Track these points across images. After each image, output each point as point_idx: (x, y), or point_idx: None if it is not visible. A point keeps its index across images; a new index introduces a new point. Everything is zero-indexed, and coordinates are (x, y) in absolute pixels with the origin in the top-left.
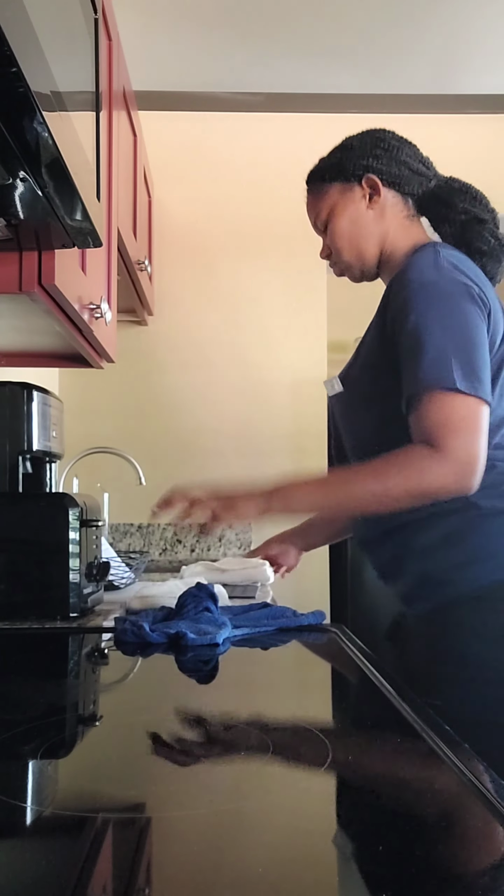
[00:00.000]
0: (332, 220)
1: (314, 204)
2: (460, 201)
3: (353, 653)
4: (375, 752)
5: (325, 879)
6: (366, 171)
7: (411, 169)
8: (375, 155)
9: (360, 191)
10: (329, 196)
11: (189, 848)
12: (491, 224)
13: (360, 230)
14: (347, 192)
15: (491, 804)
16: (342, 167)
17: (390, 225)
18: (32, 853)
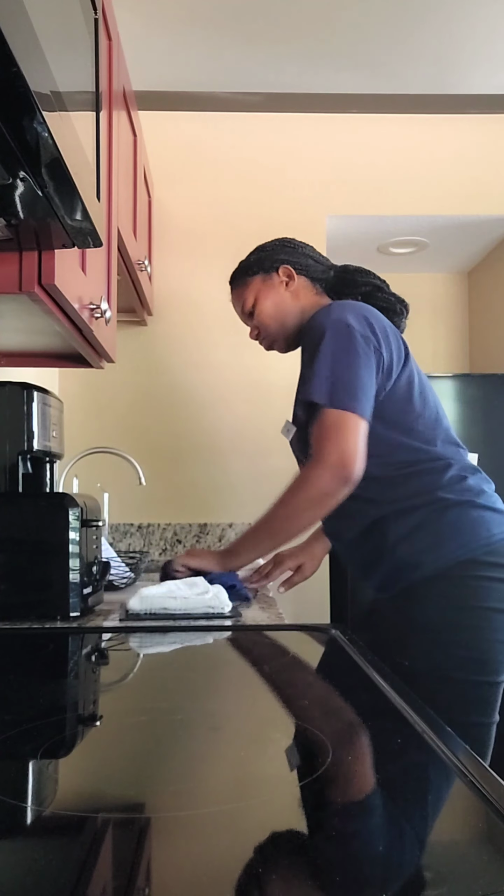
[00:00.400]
0: (259, 303)
1: (239, 295)
2: (360, 277)
3: (353, 653)
4: (375, 752)
5: (325, 879)
6: (281, 263)
7: (314, 259)
8: (286, 251)
9: (278, 278)
10: (252, 286)
11: (189, 848)
12: (386, 288)
13: (281, 308)
14: (268, 281)
15: (491, 804)
16: (262, 262)
17: (305, 302)
18: (32, 853)
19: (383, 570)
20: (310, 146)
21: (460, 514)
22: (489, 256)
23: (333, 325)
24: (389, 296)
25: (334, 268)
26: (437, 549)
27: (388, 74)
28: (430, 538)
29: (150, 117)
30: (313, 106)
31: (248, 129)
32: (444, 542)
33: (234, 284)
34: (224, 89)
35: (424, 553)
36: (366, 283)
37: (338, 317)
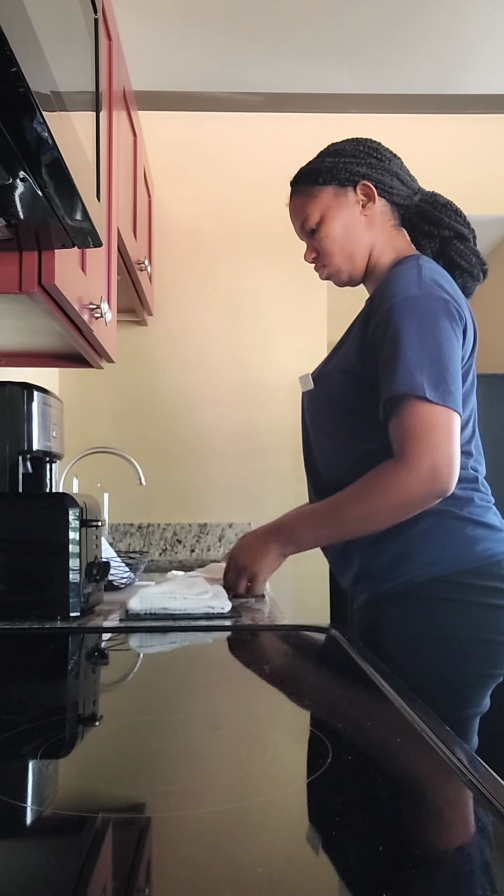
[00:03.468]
0: (325, 223)
1: (302, 206)
2: (447, 217)
3: (353, 653)
4: (375, 752)
5: (325, 879)
6: (362, 178)
7: (401, 181)
8: (370, 164)
9: (354, 196)
10: (321, 199)
11: (189, 848)
12: (471, 242)
13: (353, 235)
14: (341, 197)
15: (491, 804)
16: (337, 171)
17: (379, 233)
18: (32, 853)
19: (351, 572)
20: (310, 146)
21: (433, 526)
22: (489, 256)
23: (424, 300)
24: (472, 253)
25: (421, 192)
26: (401, 566)
27: (388, 74)
28: (394, 551)
29: (150, 117)
30: (313, 106)
31: (248, 129)
32: (408, 558)
33: (296, 190)
34: (224, 89)
35: (385, 568)
36: (449, 227)
37: (429, 289)
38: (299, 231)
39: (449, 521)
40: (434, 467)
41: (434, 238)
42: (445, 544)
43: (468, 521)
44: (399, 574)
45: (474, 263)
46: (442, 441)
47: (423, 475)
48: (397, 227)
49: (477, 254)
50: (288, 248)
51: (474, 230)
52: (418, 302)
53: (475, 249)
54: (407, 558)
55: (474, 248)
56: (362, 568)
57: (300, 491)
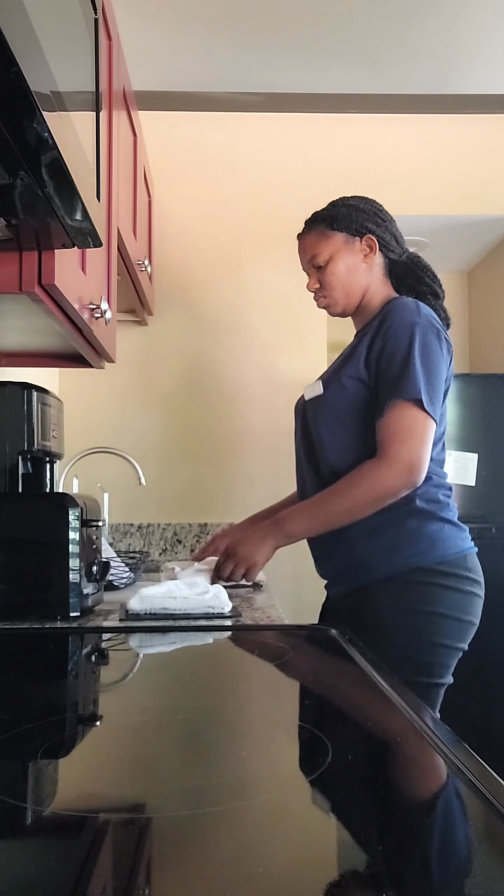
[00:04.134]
0: (333, 263)
1: (315, 244)
2: (427, 277)
3: (353, 653)
4: (375, 752)
5: (325, 879)
6: (368, 233)
7: (396, 240)
8: (376, 222)
9: (359, 246)
10: (334, 241)
11: (189, 848)
12: (441, 299)
13: (353, 278)
14: (350, 244)
15: (491, 804)
16: (350, 222)
17: (373, 279)
18: (32, 853)
19: (339, 562)
20: (310, 146)
21: (420, 525)
22: (489, 256)
23: (425, 326)
24: (441, 308)
25: (407, 253)
26: (392, 554)
27: (388, 74)
28: (387, 542)
29: (150, 117)
30: (313, 106)
31: (248, 129)
32: (399, 549)
33: (312, 230)
34: (224, 89)
35: (379, 556)
36: (427, 285)
37: (427, 319)
38: (306, 264)
39: (432, 521)
40: (411, 465)
41: (413, 291)
42: (430, 539)
43: (445, 521)
44: (390, 562)
45: (443, 317)
46: (419, 443)
47: (401, 471)
48: (386, 276)
49: (444, 309)
50: (288, 248)
51: (444, 291)
52: (420, 327)
53: (443, 306)
54: (397, 550)
55: (443, 304)
56: (354, 558)
57: None
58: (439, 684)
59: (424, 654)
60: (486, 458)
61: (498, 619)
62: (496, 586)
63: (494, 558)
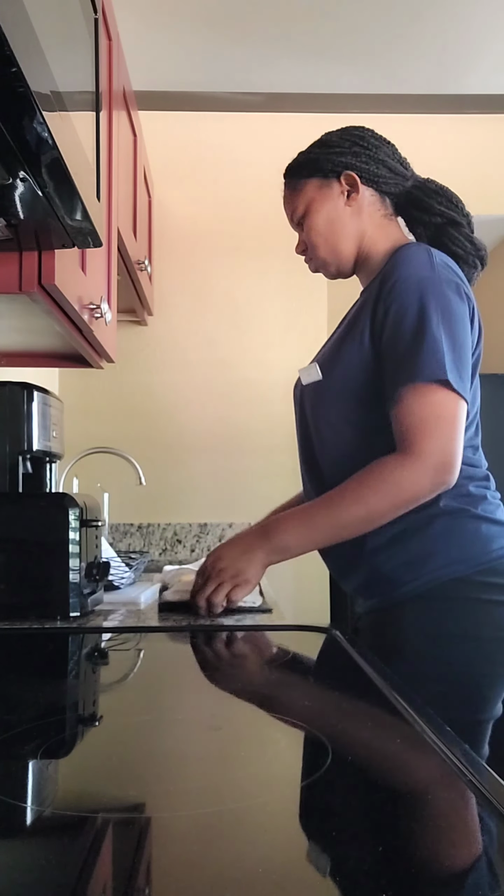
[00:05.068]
0: (309, 215)
1: (291, 199)
2: (437, 203)
3: (353, 653)
4: (375, 752)
5: (325, 880)
6: (345, 168)
7: (389, 168)
8: (354, 152)
9: (339, 187)
10: (306, 191)
11: (189, 848)
12: (466, 228)
13: (336, 227)
14: (325, 189)
15: (491, 804)
16: (320, 163)
17: (368, 223)
18: (32, 853)
19: (358, 577)
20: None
21: (451, 526)
22: (489, 256)
23: (438, 280)
24: (466, 239)
25: (413, 178)
26: (420, 567)
27: (388, 74)
28: (412, 552)
29: (150, 117)
30: (313, 106)
31: (248, 129)
32: (427, 559)
33: (286, 183)
34: (224, 89)
35: (403, 569)
36: (441, 214)
37: (442, 270)
38: (291, 222)
39: (466, 520)
40: (444, 462)
41: (427, 226)
42: (464, 544)
43: (483, 519)
44: (418, 576)
45: (469, 250)
46: (450, 433)
47: (432, 471)
48: (389, 217)
49: (472, 240)
50: (288, 248)
51: (469, 215)
52: (434, 283)
53: (470, 236)
54: (426, 560)
55: (469, 234)
56: (375, 572)
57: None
58: (486, 720)
59: (467, 687)
60: (487, 457)
61: None
62: None
63: None
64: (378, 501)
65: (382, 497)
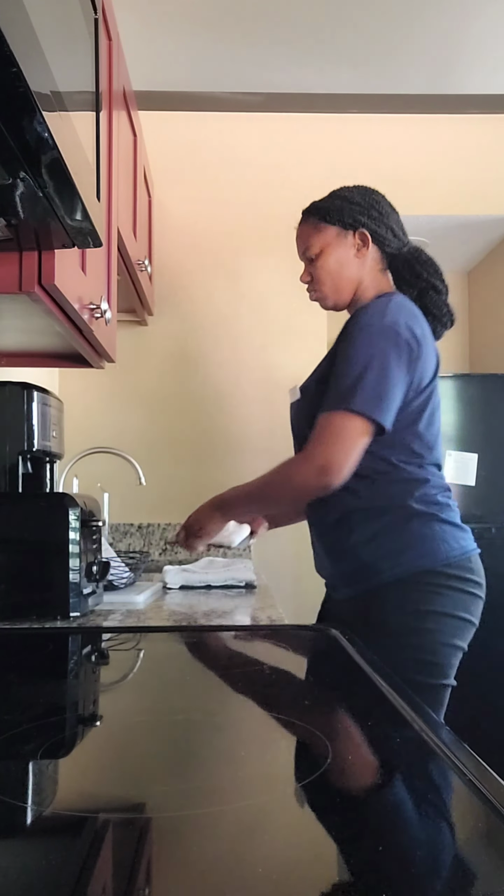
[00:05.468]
0: (323, 256)
1: (308, 236)
2: (426, 272)
3: (353, 653)
4: (375, 752)
5: (324, 880)
6: (361, 226)
7: (394, 234)
8: (371, 216)
9: (352, 240)
10: (325, 235)
11: (189, 848)
12: (444, 295)
13: (343, 272)
14: (342, 237)
15: (491, 804)
16: (343, 215)
17: (367, 274)
18: (32, 853)
19: (345, 567)
20: (310, 146)
21: (423, 526)
22: (489, 256)
23: (383, 329)
24: (443, 304)
25: (409, 246)
26: (398, 557)
27: (388, 74)
28: (392, 544)
29: (150, 117)
30: (313, 106)
31: (248, 129)
32: (404, 550)
33: (306, 221)
34: (224, 89)
35: (385, 559)
36: (427, 281)
37: (391, 322)
38: (301, 255)
39: (434, 523)
40: (327, 465)
41: (413, 287)
42: (432, 542)
43: (447, 523)
44: (395, 565)
45: (444, 313)
46: (342, 446)
47: (315, 468)
48: (384, 271)
49: (447, 305)
50: (288, 248)
51: (447, 286)
52: (372, 329)
53: (446, 302)
54: (402, 552)
55: (446, 300)
56: (361, 562)
57: None
58: (445, 685)
59: (432, 654)
60: (486, 458)
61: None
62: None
63: (494, 558)
64: (278, 489)
65: (280, 486)
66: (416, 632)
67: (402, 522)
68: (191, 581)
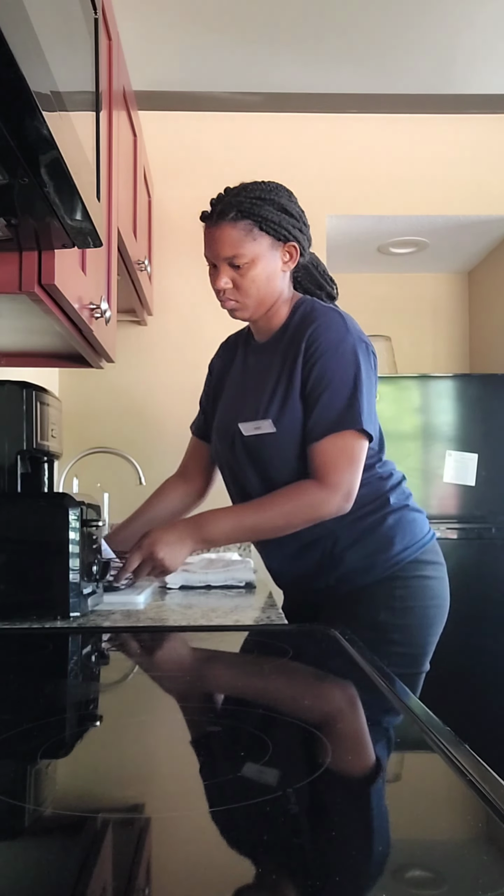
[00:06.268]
0: (254, 267)
1: (240, 241)
2: (325, 281)
3: (354, 653)
4: (375, 752)
5: (325, 879)
6: (294, 241)
7: (308, 244)
8: (300, 228)
9: (281, 252)
10: (259, 245)
11: (189, 848)
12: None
13: (270, 285)
14: (274, 249)
15: (491, 804)
16: (279, 227)
17: (285, 286)
18: (32, 853)
19: (333, 575)
20: (310, 146)
21: (398, 518)
22: (489, 256)
23: (354, 342)
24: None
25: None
26: (387, 551)
27: (388, 74)
28: (378, 542)
29: (150, 117)
30: (313, 106)
31: (248, 129)
32: (391, 544)
33: (237, 222)
34: (224, 89)
35: (375, 555)
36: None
37: (356, 332)
38: (219, 258)
39: (405, 512)
40: (349, 491)
41: (308, 293)
42: (408, 532)
43: (414, 510)
44: (386, 559)
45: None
46: (356, 469)
47: (341, 498)
48: (291, 281)
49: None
50: None
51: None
52: (348, 345)
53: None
54: (386, 549)
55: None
56: (347, 568)
57: None
58: (421, 672)
59: (414, 647)
60: (486, 458)
61: (499, 620)
62: (496, 586)
63: (494, 558)
64: (295, 517)
65: (300, 515)
66: (398, 628)
67: (381, 520)
68: (191, 581)
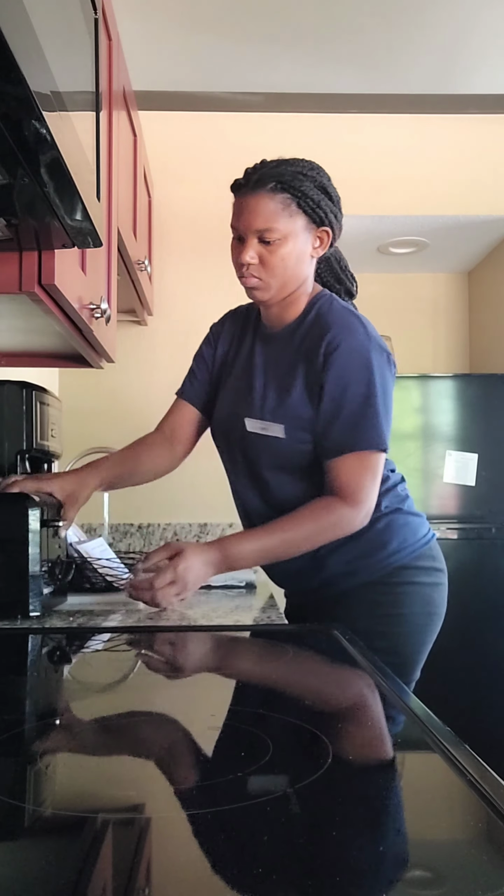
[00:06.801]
0: (285, 244)
1: (275, 214)
2: (346, 277)
3: (354, 653)
4: (375, 752)
5: (325, 880)
6: (329, 226)
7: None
8: (337, 215)
9: (314, 237)
10: (294, 221)
11: (189, 848)
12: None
13: (298, 268)
14: (308, 232)
15: (491, 804)
16: (319, 208)
17: (311, 273)
18: (32, 853)
19: (317, 578)
20: (309, 146)
21: (390, 522)
22: (489, 256)
23: (374, 348)
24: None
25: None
26: (371, 556)
27: (389, 74)
28: (363, 547)
29: (150, 117)
30: (313, 106)
31: (248, 129)
32: (377, 549)
33: (275, 194)
34: (224, 89)
35: (357, 561)
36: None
37: (375, 337)
38: (247, 228)
39: (399, 516)
40: (371, 507)
41: (329, 287)
42: (401, 535)
43: (409, 513)
44: (368, 565)
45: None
46: (377, 485)
47: (365, 515)
48: None
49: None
50: None
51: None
52: (377, 361)
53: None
54: (370, 554)
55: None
56: (330, 574)
57: None
58: (409, 683)
59: (402, 656)
60: (486, 458)
61: (499, 620)
62: (496, 586)
63: (494, 558)
64: (323, 538)
65: (325, 532)
66: (383, 635)
67: (370, 525)
68: None
